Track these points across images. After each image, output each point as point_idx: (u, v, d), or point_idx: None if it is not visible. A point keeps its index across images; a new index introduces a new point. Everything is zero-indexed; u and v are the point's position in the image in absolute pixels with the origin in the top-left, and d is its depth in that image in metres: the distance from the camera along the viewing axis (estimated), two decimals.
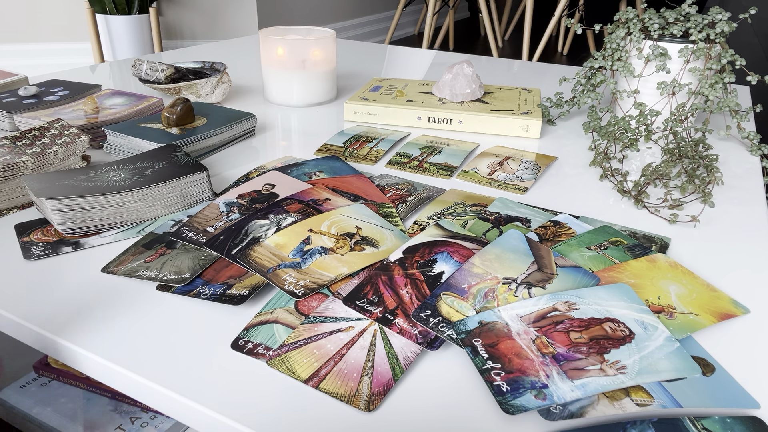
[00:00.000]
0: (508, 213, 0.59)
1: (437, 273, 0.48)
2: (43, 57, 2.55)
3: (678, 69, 0.79)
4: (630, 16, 0.81)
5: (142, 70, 0.92)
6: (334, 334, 0.42)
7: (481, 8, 3.03)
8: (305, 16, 3.08)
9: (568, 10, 2.96)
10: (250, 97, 0.98)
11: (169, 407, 0.38)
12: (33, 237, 0.54)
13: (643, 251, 0.53)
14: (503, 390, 0.37)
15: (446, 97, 0.89)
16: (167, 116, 0.73)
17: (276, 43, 0.91)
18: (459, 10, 4.45)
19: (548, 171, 0.72)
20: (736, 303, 0.47)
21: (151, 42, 2.40)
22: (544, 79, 1.14)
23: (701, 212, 0.62)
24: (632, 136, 0.76)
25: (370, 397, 0.37)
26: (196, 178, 0.59)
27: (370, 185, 0.65)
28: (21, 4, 2.48)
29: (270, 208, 0.58)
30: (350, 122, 0.87)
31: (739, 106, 0.78)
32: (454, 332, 0.42)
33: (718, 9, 0.77)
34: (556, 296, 0.45)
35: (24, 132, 0.64)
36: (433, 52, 1.37)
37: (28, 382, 0.83)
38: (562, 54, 3.48)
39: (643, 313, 0.44)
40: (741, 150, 0.81)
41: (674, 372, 0.39)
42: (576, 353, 0.40)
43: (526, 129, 0.82)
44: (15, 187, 0.59)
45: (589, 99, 0.83)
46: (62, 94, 0.84)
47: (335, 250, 0.52)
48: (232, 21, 2.76)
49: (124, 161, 0.61)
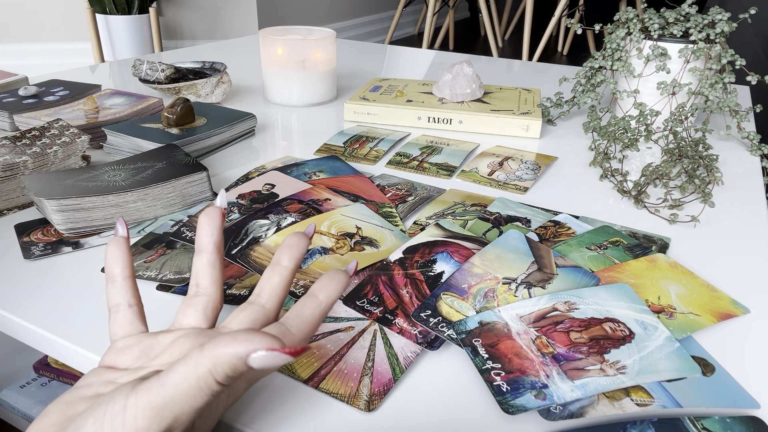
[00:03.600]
0: (508, 213, 0.59)
1: (437, 273, 0.48)
2: (43, 57, 2.55)
3: (678, 69, 0.79)
4: (630, 16, 0.81)
5: (142, 70, 0.92)
6: (334, 334, 0.42)
7: (481, 8, 3.03)
8: (305, 16, 3.08)
9: (568, 10, 2.96)
10: (250, 97, 0.98)
11: None
12: (33, 237, 0.54)
13: (643, 251, 0.53)
14: (503, 390, 0.37)
15: (446, 97, 0.89)
16: (167, 116, 0.73)
17: (276, 43, 0.91)
18: (459, 10, 4.45)
19: (548, 171, 0.72)
20: (736, 303, 0.47)
21: (151, 42, 2.40)
22: (544, 79, 1.14)
23: (701, 212, 0.62)
24: (632, 136, 0.76)
25: (370, 397, 0.37)
26: (196, 178, 0.59)
27: (370, 185, 0.65)
28: (21, 4, 2.48)
29: (270, 208, 0.58)
30: (350, 122, 0.87)
31: (739, 106, 0.78)
32: (454, 332, 0.42)
33: (718, 9, 0.77)
34: (556, 296, 0.45)
35: (24, 132, 0.64)
36: (433, 52, 1.37)
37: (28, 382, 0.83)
38: (562, 54, 3.48)
39: (643, 313, 0.44)
40: (741, 150, 0.81)
41: (674, 372, 0.39)
42: (576, 353, 0.40)
43: (526, 129, 0.82)
44: (15, 187, 0.59)
45: (589, 99, 0.83)
46: (62, 94, 0.84)
47: (335, 250, 0.52)
48: (232, 21, 2.76)
49: (124, 161, 0.61)
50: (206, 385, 0.26)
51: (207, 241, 0.35)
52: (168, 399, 0.26)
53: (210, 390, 0.26)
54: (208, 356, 0.26)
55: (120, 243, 0.35)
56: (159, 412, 0.26)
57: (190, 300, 0.34)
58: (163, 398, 0.26)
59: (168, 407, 0.26)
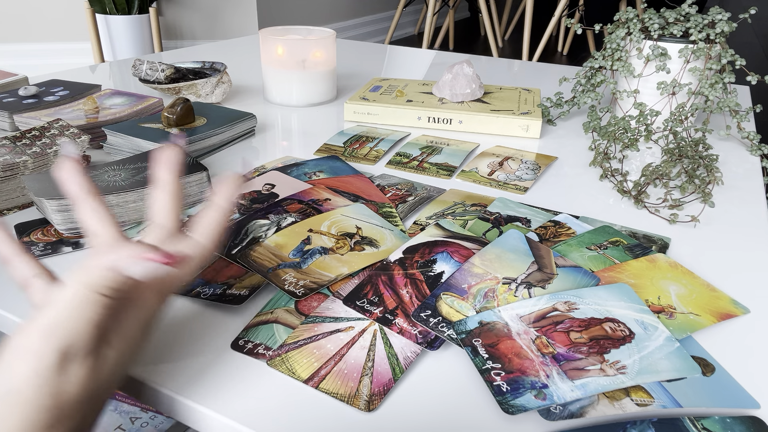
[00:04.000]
0: (508, 213, 0.59)
1: (437, 273, 0.48)
2: (43, 57, 2.55)
3: (678, 69, 0.79)
4: (630, 16, 0.81)
5: (142, 70, 0.92)
6: (334, 334, 0.42)
7: (481, 8, 3.03)
8: (305, 16, 3.08)
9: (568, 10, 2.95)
10: (250, 97, 0.98)
11: (169, 407, 0.38)
12: (33, 237, 0.54)
13: (643, 251, 0.53)
14: (503, 390, 0.37)
15: (446, 97, 0.89)
16: (167, 116, 0.73)
17: (276, 43, 0.91)
18: (459, 10, 4.46)
19: (548, 171, 0.72)
20: (736, 303, 0.47)
21: (151, 42, 2.40)
22: (544, 79, 1.14)
23: (701, 212, 0.62)
24: (632, 136, 0.76)
25: (370, 397, 0.37)
26: (196, 178, 0.59)
27: (370, 185, 0.65)
28: (21, 4, 2.48)
29: (270, 208, 0.58)
30: (350, 122, 0.87)
31: (739, 106, 0.78)
32: (454, 332, 0.42)
33: (718, 9, 0.77)
34: (556, 296, 0.45)
35: (24, 132, 0.64)
36: (433, 52, 1.37)
37: None
38: (562, 54, 3.48)
39: (643, 313, 0.44)
40: (741, 150, 0.81)
41: (674, 372, 0.39)
42: (576, 353, 0.40)
43: (526, 129, 0.82)
44: (15, 187, 0.59)
45: (589, 99, 0.83)
46: (62, 94, 0.84)
47: (335, 250, 0.52)
48: (232, 21, 2.76)
49: (124, 161, 0.61)
50: (91, 298, 0.28)
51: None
52: (56, 318, 0.28)
53: (99, 302, 0.28)
54: (84, 271, 0.28)
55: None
56: (51, 332, 0.27)
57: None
58: (52, 319, 0.28)
59: (59, 326, 0.28)
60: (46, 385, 0.27)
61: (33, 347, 0.27)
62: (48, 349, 0.27)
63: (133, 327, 0.33)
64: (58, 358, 0.28)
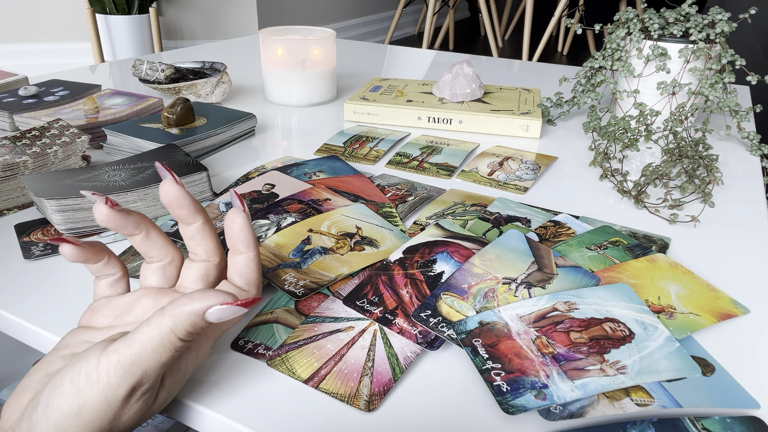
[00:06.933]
0: (508, 213, 0.59)
1: (437, 273, 0.48)
2: (43, 57, 2.55)
3: (678, 69, 0.79)
4: (630, 16, 0.81)
5: (142, 70, 0.92)
6: (334, 334, 0.42)
7: (481, 8, 3.03)
8: (305, 16, 3.08)
9: (568, 10, 2.95)
10: (250, 97, 0.98)
11: (169, 407, 0.38)
12: (33, 237, 0.54)
13: (643, 251, 0.53)
14: (503, 390, 0.37)
15: (446, 97, 0.89)
16: (167, 116, 0.73)
17: (276, 43, 0.91)
18: (459, 10, 4.46)
19: (548, 171, 0.72)
20: (736, 303, 0.47)
21: (151, 42, 2.40)
22: (544, 79, 1.14)
23: (701, 212, 0.62)
24: (632, 136, 0.76)
25: (370, 397, 0.37)
26: (196, 178, 0.59)
27: (370, 185, 0.65)
28: (21, 4, 2.48)
29: (270, 208, 0.58)
30: (350, 122, 0.87)
31: (739, 106, 0.78)
32: (454, 332, 0.42)
33: (718, 9, 0.77)
34: (556, 296, 0.45)
35: (24, 132, 0.64)
36: (433, 52, 1.37)
37: None
38: (562, 54, 3.48)
39: (643, 313, 0.44)
40: (741, 150, 0.81)
41: (674, 372, 0.39)
42: (576, 353, 0.40)
43: (526, 129, 0.82)
44: (15, 187, 0.59)
45: (589, 99, 0.83)
46: (62, 94, 0.84)
47: (335, 250, 0.52)
48: (232, 21, 2.76)
49: (124, 161, 0.61)
50: (169, 342, 0.29)
51: None
52: (135, 357, 0.29)
53: (173, 346, 0.30)
54: (169, 316, 0.29)
55: None
56: (128, 369, 0.29)
57: (147, 265, 0.37)
58: (131, 357, 0.29)
59: (136, 364, 0.29)
60: (110, 413, 0.30)
61: (111, 381, 0.29)
62: (124, 384, 0.29)
63: (184, 368, 0.35)
64: (128, 392, 0.30)
